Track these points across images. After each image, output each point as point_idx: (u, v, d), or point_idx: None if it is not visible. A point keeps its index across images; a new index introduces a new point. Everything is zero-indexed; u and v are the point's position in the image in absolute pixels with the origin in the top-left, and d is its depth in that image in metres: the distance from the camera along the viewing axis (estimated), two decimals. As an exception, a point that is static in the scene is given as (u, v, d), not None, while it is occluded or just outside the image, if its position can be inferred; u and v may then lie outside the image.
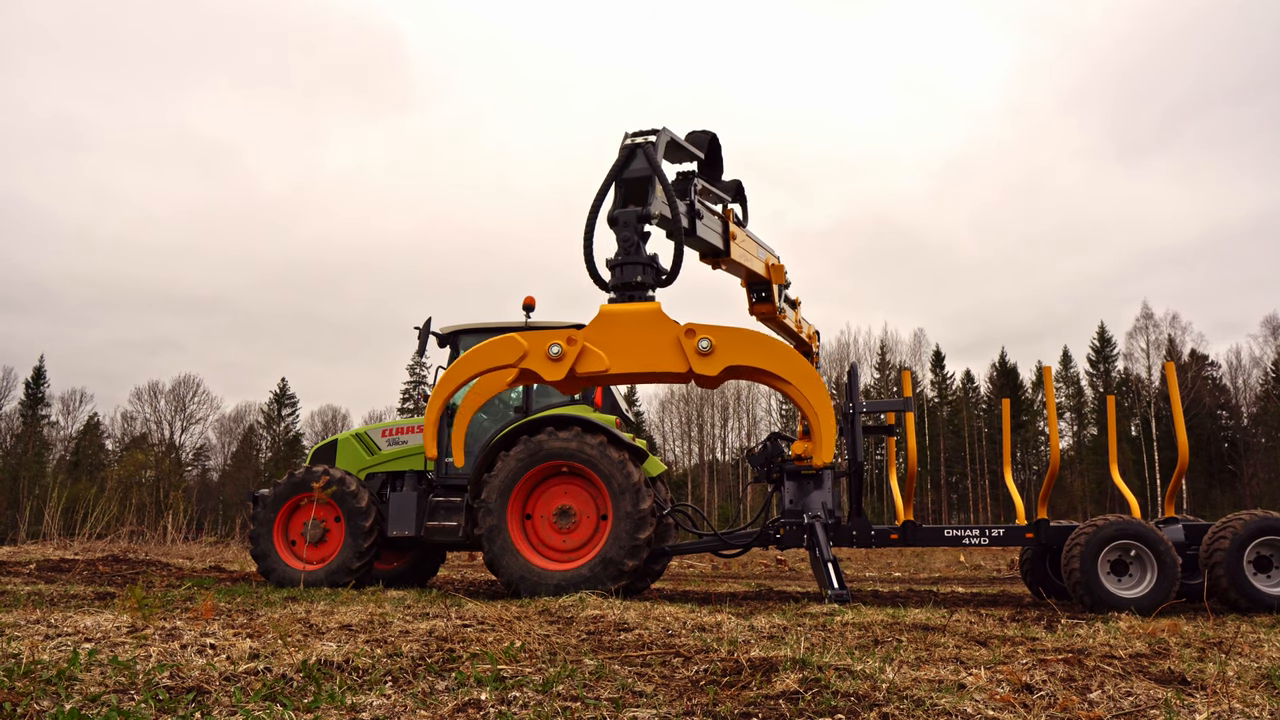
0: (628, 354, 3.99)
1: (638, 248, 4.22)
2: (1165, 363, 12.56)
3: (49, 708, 2.40)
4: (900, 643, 4.06)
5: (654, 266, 4.25)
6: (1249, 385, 53.80)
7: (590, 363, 3.99)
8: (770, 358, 3.93)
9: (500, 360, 4.13)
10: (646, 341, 3.98)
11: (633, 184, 4.38)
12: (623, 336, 4.00)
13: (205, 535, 25.70)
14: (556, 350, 4.00)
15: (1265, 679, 3.25)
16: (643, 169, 4.38)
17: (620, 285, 4.21)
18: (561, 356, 4.00)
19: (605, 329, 4.06)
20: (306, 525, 8.02)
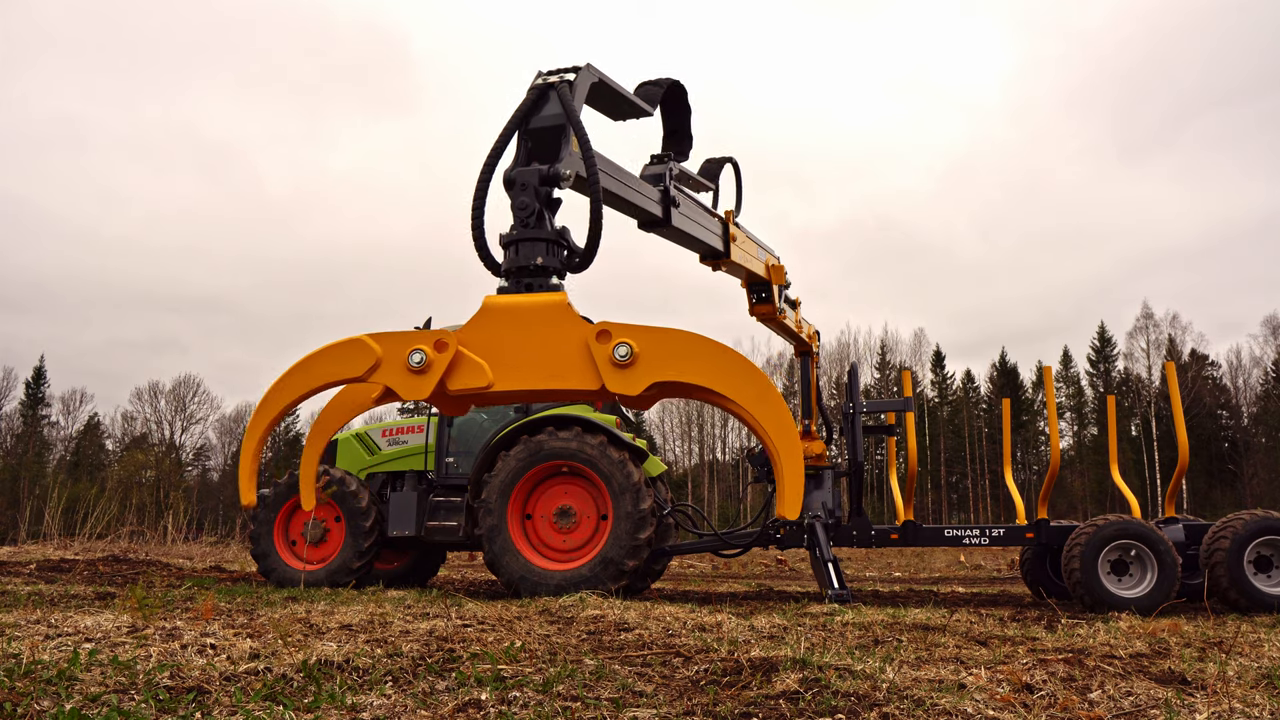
0: (518, 364, 2.87)
1: (540, 218, 3.11)
2: (1165, 363, 12.57)
3: (49, 708, 2.40)
4: (900, 643, 4.06)
5: (561, 244, 3.16)
6: (1249, 385, 53.84)
7: (466, 375, 2.86)
8: (715, 372, 2.81)
9: (343, 373, 2.97)
10: (543, 346, 2.88)
11: (541, 135, 3.27)
12: (511, 339, 2.89)
13: (205, 535, 25.70)
14: (419, 359, 2.86)
15: (1265, 679, 3.25)
16: (554, 116, 3.26)
17: (514, 269, 3.08)
18: (426, 367, 2.86)
19: (488, 329, 2.92)
20: (306, 525, 8.02)
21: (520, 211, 3.13)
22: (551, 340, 2.90)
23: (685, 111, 4.36)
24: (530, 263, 3.08)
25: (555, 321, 2.92)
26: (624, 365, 2.80)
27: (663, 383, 2.87)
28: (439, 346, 2.89)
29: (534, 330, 2.92)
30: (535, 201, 3.13)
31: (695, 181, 5.03)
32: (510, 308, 2.96)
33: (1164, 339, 51.94)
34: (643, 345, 2.84)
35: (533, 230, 3.11)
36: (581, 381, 2.87)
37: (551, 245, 3.13)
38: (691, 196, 4.84)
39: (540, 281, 3.08)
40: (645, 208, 4.13)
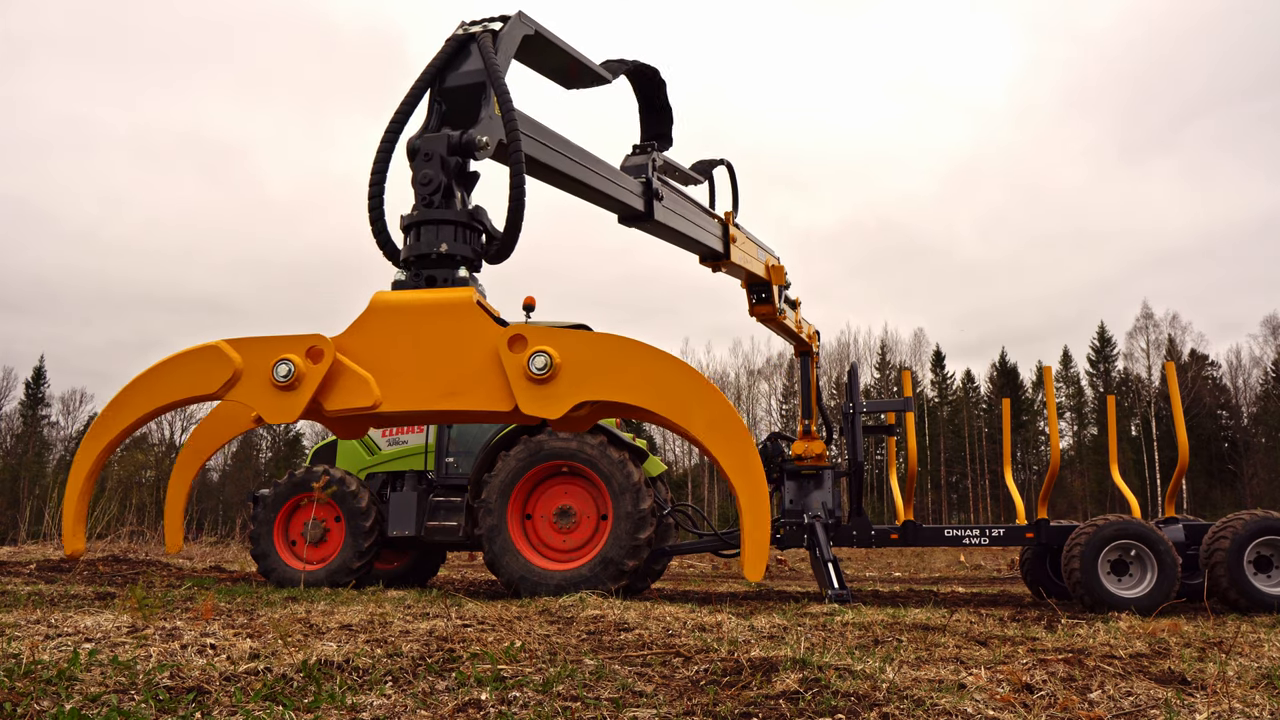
0: (411, 378, 2.26)
1: (447, 195, 2.49)
2: (1165, 363, 12.58)
3: (49, 708, 2.40)
4: (900, 643, 4.06)
5: (474, 228, 2.53)
6: (1249, 385, 53.86)
7: (345, 393, 2.25)
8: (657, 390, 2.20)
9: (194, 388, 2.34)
10: (443, 356, 2.26)
11: (457, 96, 2.65)
12: (404, 347, 2.28)
13: (205, 535, 25.71)
14: (286, 372, 2.24)
15: (1265, 679, 3.25)
16: (473, 71, 2.64)
17: (413, 258, 2.47)
18: (295, 382, 2.24)
19: (376, 334, 2.30)
20: (306, 525, 8.02)
21: (422, 187, 2.49)
22: (453, 348, 2.28)
23: (661, 92, 3.95)
24: (432, 250, 2.44)
25: (458, 325, 2.29)
26: (542, 380, 2.19)
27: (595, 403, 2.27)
28: (312, 355, 2.27)
29: (432, 336, 2.29)
30: (442, 174, 2.49)
31: (683, 174, 4.77)
32: (403, 307, 2.33)
33: (1164, 339, 52.01)
34: (566, 356, 2.21)
35: (437, 210, 2.48)
36: (489, 400, 2.25)
37: (461, 229, 2.49)
38: (680, 190, 4.54)
39: (445, 274, 2.44)
40: (623, 199, 3.72)
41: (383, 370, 2.28)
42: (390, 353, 2.30)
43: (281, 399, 2.28)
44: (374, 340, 2.31)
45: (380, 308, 2.34)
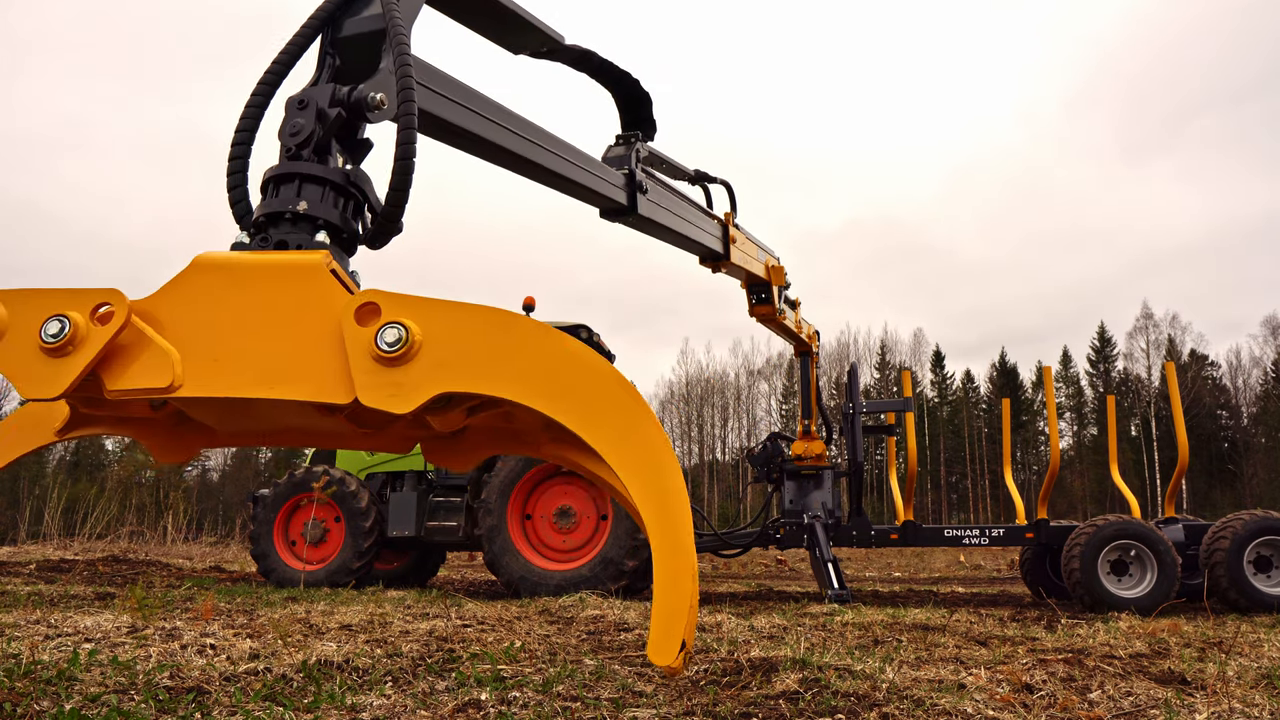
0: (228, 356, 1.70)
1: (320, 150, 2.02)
2: (1165, 363, 12.58)
3: (49, 708, 2.40)
4: (900, 643, 4.06)
5: (349, 194, 2.03)
6: (1249, 385, 53.90)
7: (137, 368, 1.68)
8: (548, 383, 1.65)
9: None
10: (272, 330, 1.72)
11: (353, 47, 2.20)
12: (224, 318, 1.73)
13: (205, 535, 25.73)
14: (59, 329, 1.66)
15: (1265, 679, 3.25)
16: (375, 18, 2.19)
17: (264, 217, 1.96)
18: (68, 345, 1.66)
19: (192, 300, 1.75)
20: (306, 525, 8.02)
21: (290, 137, 2.02)
22: (286, 323, 1.72)
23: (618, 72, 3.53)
24: (288, 208, 1.94)
25: (297, 294, 1.74)
26: (394, 360, 1.64)
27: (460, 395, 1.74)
28: (100, 317, 1.69)
29: (261, 306, 1.73)
30: (316, 125, 2.03)
31: (671, 165, 4.56)
32: (229, 267, 1.77)
33: (1164, 339, 52.06)
34: (429, 330, 1.68)
35: (302, 164, 1.99)
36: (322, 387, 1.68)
37: (330, 190, 1.99)
38: (670, 186, 4.29)
39: (299, 238, 1.93)
40: (603, 192, 3.45)
41: (192, 346, 1.71)
42: (206, 325, 1.74)
43: (47, 367, 1.67)
44: (187, 308, 1.74)
45: (201, 267, 1.77)
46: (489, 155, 2.78)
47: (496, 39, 2.87)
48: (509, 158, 2.82)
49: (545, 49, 3.00)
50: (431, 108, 2.34)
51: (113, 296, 1.71)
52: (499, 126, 2.71)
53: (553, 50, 3.04)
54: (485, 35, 2.83)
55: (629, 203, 3.69)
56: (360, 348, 1.67)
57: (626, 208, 3.68)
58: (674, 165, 4.66)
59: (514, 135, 2.80)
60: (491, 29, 2.80)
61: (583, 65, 3.35)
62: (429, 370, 1.66)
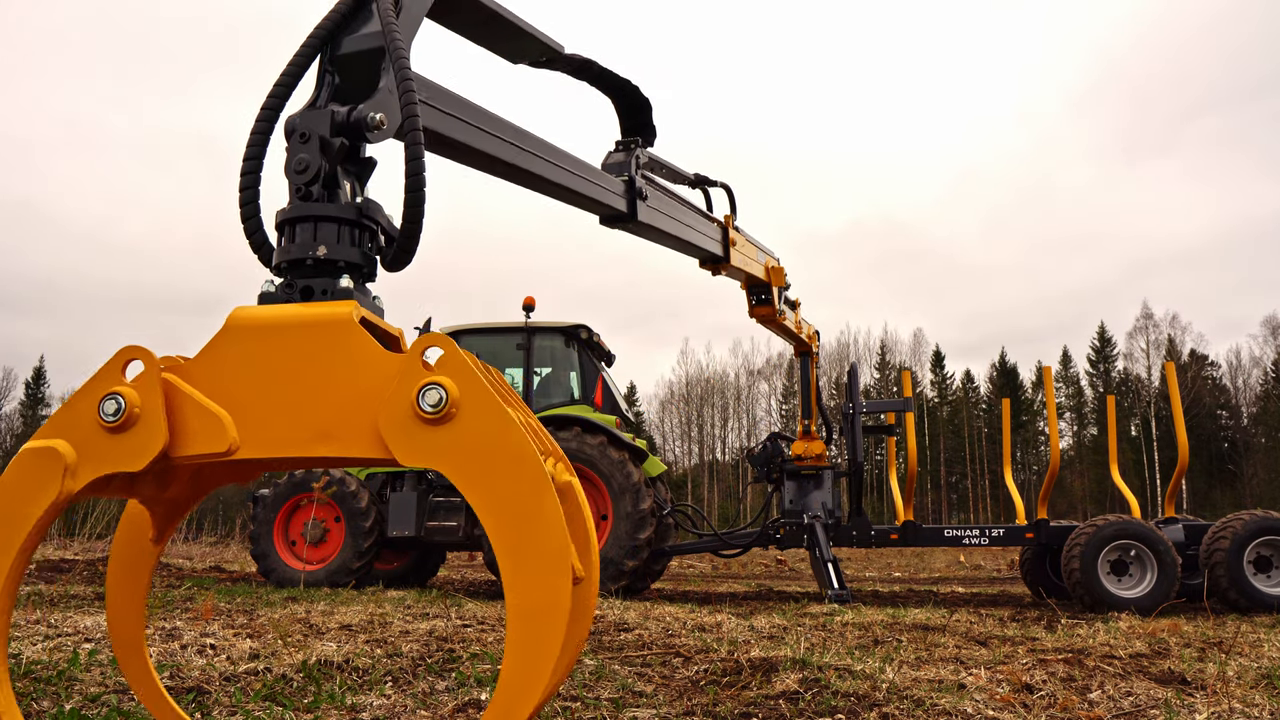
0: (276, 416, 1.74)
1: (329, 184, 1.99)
2: (1165, 363, 12.58)
3: (49, 708, 2.40)
4: (900, 643, 4.06)
5: (365, 227, 2.03)
6: (1249, 385, 53.90)
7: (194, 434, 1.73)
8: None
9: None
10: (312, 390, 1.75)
11: (352, 65, 2.15)
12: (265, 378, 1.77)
13: (205, 535, 25.72)
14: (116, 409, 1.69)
15: (1265, 679, 3.25)
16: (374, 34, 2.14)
17: (286, 263, 1.96)
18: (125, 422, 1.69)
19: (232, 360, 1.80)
20: (306, 525, 8.02)
21: (297, 175, 2.00)
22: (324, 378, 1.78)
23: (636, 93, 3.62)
24: (308, 254, 1.95)
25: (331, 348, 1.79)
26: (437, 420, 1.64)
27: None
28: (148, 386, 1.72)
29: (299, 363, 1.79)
30: (322, 159, 2.00)
31: (671, 170, 4.56)
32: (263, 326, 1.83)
33: (1164, 339, 52.06)
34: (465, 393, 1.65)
35: (315, 204, 1.98)
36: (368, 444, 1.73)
37: (346, 228, 1.99)
38: (670, 191, 4.29)
39: (324, 283, 1.95)
40: (603, 200, 3.43)
41: (239, 407, 1.77)
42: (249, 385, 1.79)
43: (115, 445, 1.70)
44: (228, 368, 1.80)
45: (236, 327, 1.83)
46: (486, 167, 2.75)
47: (495, 49, 2.85)
48: (506, 169, 2.79)
49: (544, 58, 2.98)
50: (431, 124, 2.33)
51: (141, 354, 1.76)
52: (496, 139, 2.69)
53: (552, 59, 3.02)
54: (484, 45, 2.82)
55: (629, 210, 3.67)
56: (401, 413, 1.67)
57: (626, 215, 3.67)
58: (674, 170, 4.65)
59: (511, 147, 2.78)
60: (490, 39, 2.79)
61: (582, 74, 3.34)
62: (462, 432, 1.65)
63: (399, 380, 1.68)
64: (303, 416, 1.75)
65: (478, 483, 1.59)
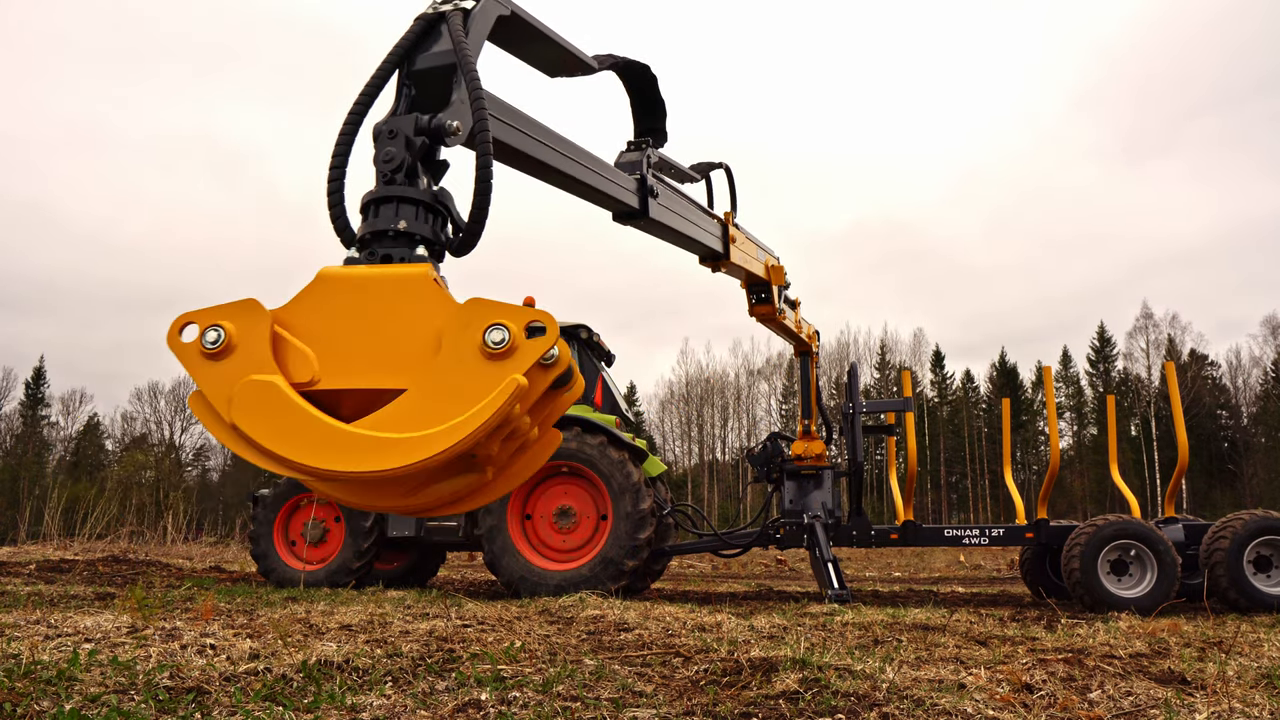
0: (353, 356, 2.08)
1: (410, 174, 2.35)
2: (1165, 363, 12.58)
3: (49, 708, 2.40)
4: (900, 643, 4.06)
5: (438, 211, 2.36)
6: (1249, 385, 53.87)
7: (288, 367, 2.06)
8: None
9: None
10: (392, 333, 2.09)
11: (427, 79, 2.53)
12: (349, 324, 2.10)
13: (205, 536, 25.73)
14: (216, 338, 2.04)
15: (1265, 679, 3.25)
16: (444, 53, 2.52)
17: (369, 235, 2.30)
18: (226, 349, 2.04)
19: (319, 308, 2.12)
20: (306, 525, 8.02)
21: (384, 164, 2.36)
22: (401, 323, 2.11)
23: (653, 86, 3.85)
24: (389, 227, 2.29)
25: (410, 299, 2.12)
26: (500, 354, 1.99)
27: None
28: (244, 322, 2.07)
29: (379, 310, 2.11)
30: (406, 153, 2.36)
31: (680, 172, 4.72)
32: (349, 281, 2.15)
33: (1163, 339, 52.03)
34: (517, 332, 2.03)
35: (398, 188, 2.34)
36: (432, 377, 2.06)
37: (423, 209, 2.33)
38: (676, 188, 4.47)
39: (401, 252, 2.28)
40: (616, 196, 3.64)
41: (323, 345, 2.08)
42: (333, 329, 2.11)
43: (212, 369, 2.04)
44: (316, 315, 2.11)
45: (325, 281, 2.15)
46: (532, 170, 3.04)
47: (538, 65, 3.19)
48: (545, 170, 3.07)
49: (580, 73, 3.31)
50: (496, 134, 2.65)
51: (250, 308, 2.07)
52: (543, 144, 3.03)
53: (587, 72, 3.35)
54: (528, 62, 3.15)
55: (640, 206, 3.87)
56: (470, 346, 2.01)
57: (639, 211, 3.86)
58: (681, 170, 4.78)
59: (554, 151, 3.10)
60: (536, 57, 3.13)
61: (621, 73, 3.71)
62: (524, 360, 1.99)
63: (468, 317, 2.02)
64: (380, 353, 2.07)
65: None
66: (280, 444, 1.97)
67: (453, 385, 1.99)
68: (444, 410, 1.96)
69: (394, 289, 2.12)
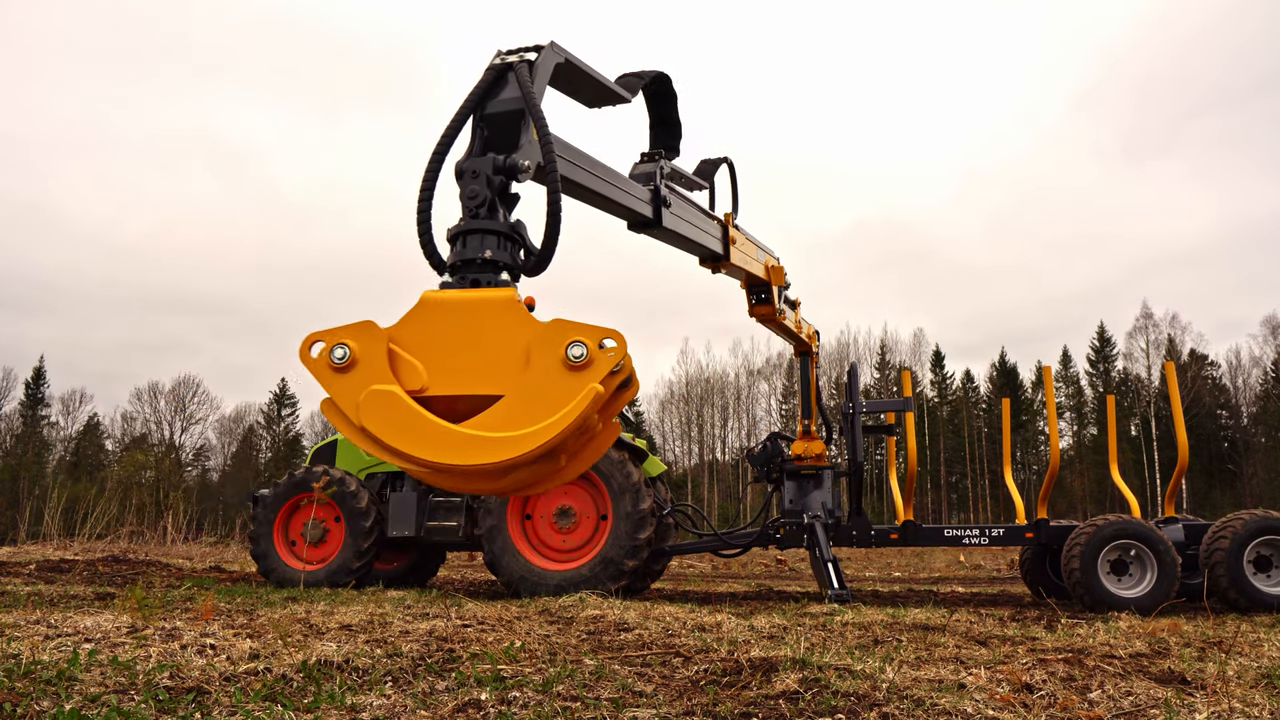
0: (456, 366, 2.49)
1: (491, 209, 2.77)
2: (1165, 363, 12.58)
3: (49, 708, 2.40)
4: (900, 643, 4.06)
5: (515, 240, 2.80)
6: (1249, 385, 53.87)
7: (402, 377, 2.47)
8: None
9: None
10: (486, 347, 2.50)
11: (498, 122, 2.94)
12: (450, 339, 2.52)
13: (205, 535, 25.72)
14: (343, 354, 2.45)
15: (1265, 679, 3.25)
16: (512, 99, 2.92)
17: (459, 263, 2.73)
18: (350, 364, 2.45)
19: (425, 326, 2.54)
20: (306, 525, 8.02)
21: (469, 201, 2.77)
22: (495, 340, 2.50)
23: (673, 106, 4.15)
24: (477, 256, 2.71)
25: (500, 319, 2.52)
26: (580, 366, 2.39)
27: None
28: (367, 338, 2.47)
29: (475, 329, 2.52)
30: (487, 190, 2.77)
31: (688, 180, 4.89)
32: (449, 303, 2.56)
33: (1163, 339, 52.02)
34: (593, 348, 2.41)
35: (482, 222, 2.75)
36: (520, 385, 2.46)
37: (503, 239, 2.75)
38: (685, 196, 4.66)
39: (488, 277, 2.69)
40: (634, 208, 3.93)
41: (430, 359, 2.49)
42: (437, 344, 2.52)
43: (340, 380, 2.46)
44: (422, 332, 2.52)
45: (428, 303, 2.57)
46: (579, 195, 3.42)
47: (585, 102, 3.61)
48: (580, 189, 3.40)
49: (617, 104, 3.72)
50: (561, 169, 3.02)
51: (368, 329, 2.47)
52: (588, 173, 3.45)
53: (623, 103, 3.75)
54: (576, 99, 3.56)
55: (655, 216, 4.12)
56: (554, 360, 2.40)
57: (653, 220, 4.12)
58: (688, 178, 4.93)
59: (594, 176, 3.49)
60: (584, 96, 3.56)
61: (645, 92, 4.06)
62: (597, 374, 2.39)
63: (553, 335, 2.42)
64: (477, 365, 2.47)
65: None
66: (403, 442, 2.33)
67: (541, 392, 2.37)
68: (535, 413, 2.34)
69: (487, 311, 2.53)
